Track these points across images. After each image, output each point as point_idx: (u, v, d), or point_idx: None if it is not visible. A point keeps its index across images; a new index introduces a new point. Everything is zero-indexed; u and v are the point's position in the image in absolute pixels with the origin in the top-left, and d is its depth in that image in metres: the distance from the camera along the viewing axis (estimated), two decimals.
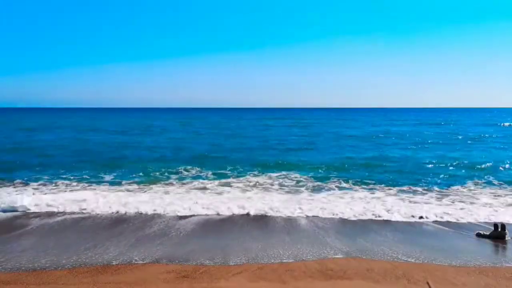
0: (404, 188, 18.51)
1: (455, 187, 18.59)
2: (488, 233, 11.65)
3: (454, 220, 13.42)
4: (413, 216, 13.81)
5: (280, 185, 19.45)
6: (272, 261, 9.37)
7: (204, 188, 18.58)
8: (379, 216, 13.88)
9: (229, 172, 22.91)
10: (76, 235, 11.58)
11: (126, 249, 10.19)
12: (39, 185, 19.24)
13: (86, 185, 19.36)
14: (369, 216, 13.92)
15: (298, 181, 20.23)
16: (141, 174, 22.09)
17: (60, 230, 12.25)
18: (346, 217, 13.80)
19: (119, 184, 19.58)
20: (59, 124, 79.04)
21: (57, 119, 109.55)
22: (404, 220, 13.53)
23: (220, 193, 17.55)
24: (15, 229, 12.19)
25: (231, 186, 19.07)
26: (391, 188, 18.49)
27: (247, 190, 18.26)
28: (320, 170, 23.32)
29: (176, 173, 22.53)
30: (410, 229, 12.56)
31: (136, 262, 9.15)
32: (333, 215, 14.02)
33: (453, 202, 15.76)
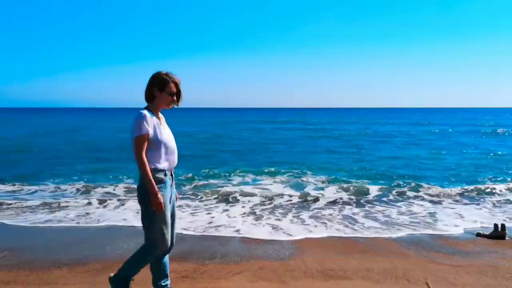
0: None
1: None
2: (488, 233, 11.64)
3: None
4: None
5: None
6: (273, 261, 9.37)
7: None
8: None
9: None
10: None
11: (127, 249, 10.18)
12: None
13: None
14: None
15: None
16: None
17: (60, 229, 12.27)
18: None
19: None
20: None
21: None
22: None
23: None
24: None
25: None
26: None
27: None
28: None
29: None
30: (410, 229, 12.56)
31: None
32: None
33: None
